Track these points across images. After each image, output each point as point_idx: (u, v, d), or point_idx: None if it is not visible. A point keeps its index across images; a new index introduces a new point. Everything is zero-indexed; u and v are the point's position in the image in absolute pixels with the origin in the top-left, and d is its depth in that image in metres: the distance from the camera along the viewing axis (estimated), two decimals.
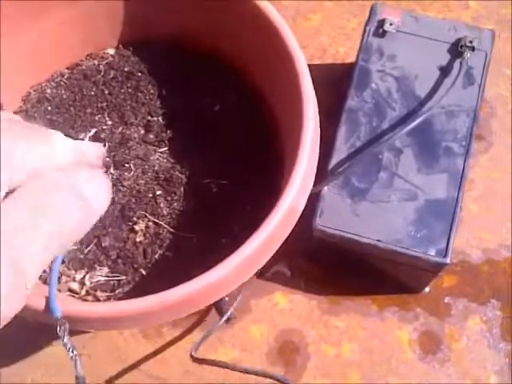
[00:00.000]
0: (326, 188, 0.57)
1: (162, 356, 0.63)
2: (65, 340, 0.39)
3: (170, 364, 0.62)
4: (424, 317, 0.64)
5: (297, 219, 0.46)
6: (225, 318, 0.62)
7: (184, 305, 0.42)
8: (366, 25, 0.63)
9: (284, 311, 0.64)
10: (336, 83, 0.68)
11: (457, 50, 0.61)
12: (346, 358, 0.62)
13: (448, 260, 0.54)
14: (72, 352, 0.38)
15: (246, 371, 0.53)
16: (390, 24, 0.61)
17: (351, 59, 0.73)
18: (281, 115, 0.53)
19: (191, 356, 0.60)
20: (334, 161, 0.57)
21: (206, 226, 0.53)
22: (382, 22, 0.62)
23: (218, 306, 0.64)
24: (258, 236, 0.42)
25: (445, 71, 0.60)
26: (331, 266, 0.64)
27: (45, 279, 0.50)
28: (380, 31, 0.62)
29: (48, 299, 0.40)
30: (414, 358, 0.62)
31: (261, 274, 0.65)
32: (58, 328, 0.39)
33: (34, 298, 0.41)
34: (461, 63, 0.60)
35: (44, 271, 0.49)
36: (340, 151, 0.58)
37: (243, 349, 0.63)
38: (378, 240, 0.55)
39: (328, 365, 0.62)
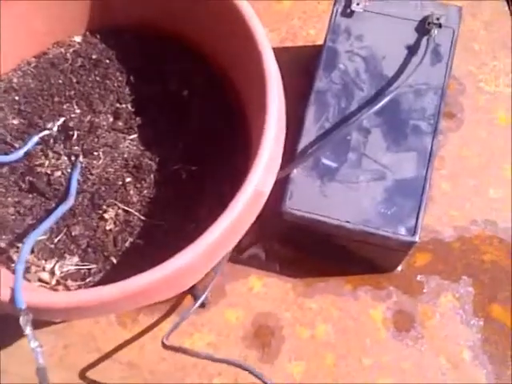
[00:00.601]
0: (295, 170, 0.57)
1: (137, 343, 0.63)
2: (27, 331, 0.39)
3: (145, 351, 0.62)
4: (397, 295, 0.64)
5: (263, 202, 0.46)
6: (198, 302, 0.62)
7: (147, 294, 0.43)
8: (334, 5, 0.62)
9: (259, 294, 0.65)
10: (306, 65, 0.68)
11: (424, 27, 0.61)
12: (320, 339, 0.63)
13: (417, 238, 0.55)
14: (34, 342, 0.38)
15: (218, 360, 0.53)
16: (357, 4, 0.61)
17: (322, 41, 0.73)
18: (247, 99, 0.53)
19: (163, 343, 0.60)
20: (303, 143, 0.58)
21: (176, 212, 0.53)
22: (349, 2, 0.62)
23: (193, 292, 0.64)
24: (222, 221, 0.43)
25: (412, 49, 0.60)
26: (304, 249, 0.65)
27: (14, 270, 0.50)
28: (348, 11, 0.62)
29: (13, 290, 0.40)
30: (387, 337, 0.63)
31: (235, 258, 0.65)
32: (21, 318, 0.39)
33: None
34: (428, 40, 0.60)
35: (12, 261, 0.50)
36: (309, 133, 0.58)
37: (219, 333, 0.63)
38: (346, 221, 0.55)
39: (303, 347, 0.62)
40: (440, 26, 0.60)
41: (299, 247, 0.65)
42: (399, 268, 0.65)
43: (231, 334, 0.63)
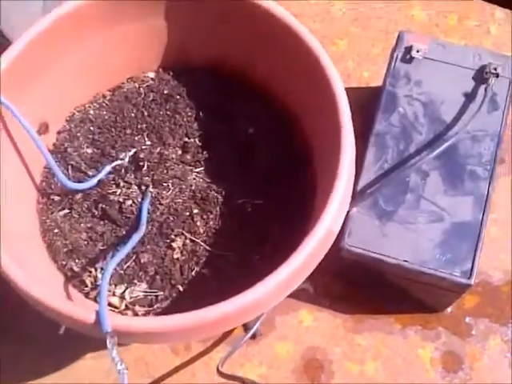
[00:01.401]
0: (354, 209, 0.58)
1: (189, 370, 0.65)
2: (113, 354, 0.41)
3: (197, 378, 0.64)
4: (446, 336, 0.65)
5: (332, 242, 0.48)
6: (250, 333, 0.64)
7: (223, 322, 0.44)
8: (394, 51, 0.65)
9: (309, 328, 0.66)
10: (361, 106, 0.70)
11: (481, 76, 0.63)
12: (369, 375, 0.64)
13: (472, 281, 0.56)
14: (120, 365, 0.40)
15: None
16: (417, 51, 0.64)
17: (375, 83, 0.76)
18: (315, 139, 0.55)
19: (218, 371, 0.61)
20: (362, 182, 0.59)
21: (240, 244, 0.55)
22: (409, 49, 0.64)
23: (244, 323, 0.66)
24: (296, 257, 0.44)
25: (470, 97, 0.62)
26: (356, 285, 0.66)
27: (87, 293, 0.53)
28: (407, 57, 0.64)
29: (98, 313, 0.42)
30: (436, 377, 0.63)
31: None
32: (108, 341, 0.41)
33: (83, 312, 0.43)
34: (485, 89, 0.62)
35: (85, 285, 0.52)
36: (368, 173, 0.60)
37: (269, 365, 0.64)
38: (404, 260, 0.57)
39: (352, 382, 0.63)
40: (497, 75, 0.62)
41: (351, 283, 0.66)
42: (448, 309, 0.66)
43: (281, 366, 0.64)
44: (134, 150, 0.58)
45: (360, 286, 0.66)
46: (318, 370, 0.64)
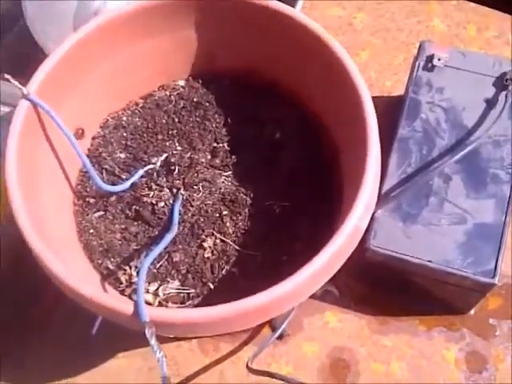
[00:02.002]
0: (379, 211, 0.60)
1: (217, 369, 0.66)
2: (152, 342, 0.42)
3: (226, 378, 0.65)
4: (470, 337, 0.66)
5: (359, 240, 0.50)
6: (278, 333, 0.65)
7: (260, 313, 0.46)
8: (416, 60, 0.67)
9: (335, 329, 0.67)
10: (383, 114, 0.71)
11: (502, 83, 0.65)
12: (394, 376, 0.65)
13: (496, 280, 0.57)
14: (159, 353, 0.42)
15: None
16: (439, 59, 0.66)
17: (397, 92, 0.78)
18: (341, 143, 0.57)
19: (247, 367, 0.63)
20: (386, 186, 0.61)
21: (269, 244, 0.57)
22: (430, 58, 0.66)
23: (272, 323, 0.67)
24: (326, 251, 0.46)
25: (490, 103, 0.64)
26: (379, 287, 0.67)
27: (122, 290, 0.55)
28: (429, 66, 0.66)
29: (136, 304, 0.44)
30: (460, 377, 0.64)
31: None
32: (147, 330, 0.43)
33: (123, 304, 0.45)
34: (506, 96, 0.63)
35: (120, 282, 0.54)
36: (392, 177, 0.61)
37: (296, 365, 0.66)
38: (428, 261, 0.58)
39: (378, 382, 0.64)
40: None
41: (375, 285, 0.67)
42: (472, 311, 0.67)
43: (308, 366, 0.66)
44: (165, 155, 0.61)
45: (383, 288, 0.67)
46: (344, 369, 0.65)
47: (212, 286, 0.55)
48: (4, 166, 0.49)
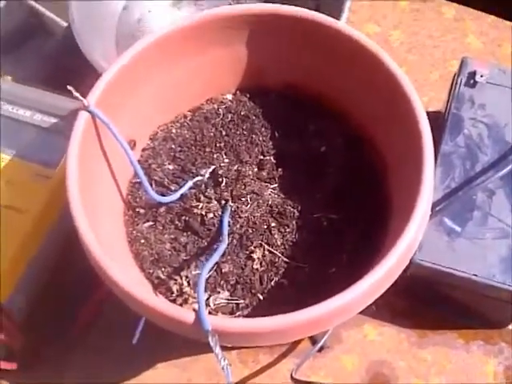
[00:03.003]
0: None
1: (257, 381, 0.67)
2: (216, 350, 0.43)
3: None
4: (508, 351, 0.67)
5: (410, 257, 0.51)
6: (319, 345, 0.66)
7: (315, 324, 0.47)
8: (457, 76, 0.68)
9: (374, 343, 0.68)
10: None
11: None
12: None
13: None
14: (224, 361, 0.43)
15: None
16: (481, 76, 0.67)
17: (434, 108, 0.79)
18: (391, 153, 0.58)
19: (292, 377, 0.64)
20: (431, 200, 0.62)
21: (317, 256, 0.57)
22: (472, 74, 0.67)
23: (312, 336, 0.68)
24: (383, 265, 0.47)
25: None
26: (418, 300, 0.68)
27: (173, 299, 0.55)
28: (471, 82, 0.67)
29: (197, 314, 0.45)
30: None
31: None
32: (210, 339, 0.44)
33: (185, 313, 0.46)
34: None
35: (171, 292, 0.55)
36: (437, 191, 0.62)
37: (335, 378, 0.67)
38: (474, 274, 0.59)
39: None
40: None
41: (413, 298, 0.68)
42: (510, 326, 0.67)
43: (348, 379, 0.66)
44: (213, 167, 0.62)
45: (422, 302, 0.68)
46: (383, 383, 0.66)
47: (261, 297, 0.56)
48: (66, 177, 0.50)
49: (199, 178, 0.61)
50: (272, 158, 0.63)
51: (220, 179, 0.61)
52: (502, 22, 0.85)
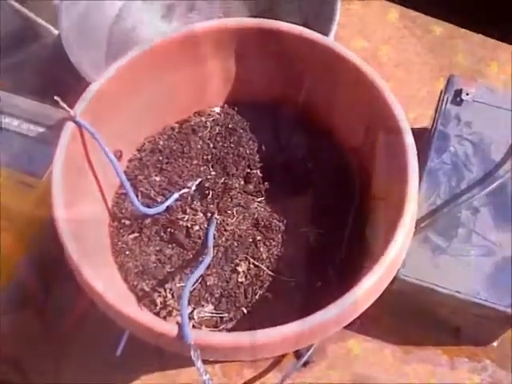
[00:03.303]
0: None
1: None
2: (198, 364, 0.43)
3: None
4: (492, 368, 0.67)
5: (398, 268, 0.51)
6: (303, 360, 0.66)
7: (299, 339, 0.46)
8: (444, 93, 0.68)
9: (358, 358, 0.68)
10: None
11: None
12: None
13: None
14: (205, 375, 0.43)
15: None
16: (467, 94, 0.67)
17: (419, 125, 0.79)
18: (375, 168, 0.58)
19: None
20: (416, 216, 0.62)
21: (302, 270, 0.58)
22: (459, 92, 0.68)
23: (297, 350, 0.68)
24: (367, 280, 0.47)
25: None
26: (403, 316, 0.68)
27: (157, 312, 0.55)
28: (457, 100, 0.68)
29: (180, 327, 0.45)
30: None
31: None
32: (192, 353, 0.43)
33: (167, 326, 0.45)
34: None
35: (155, 304, 0.55)
36: (421, 208, 0.62)
37: None
38: (457, 291, 0.59)
39: None
40: None
41: (398, 315, 0.68)
42: (495, 343, 0.67)
43: None
44: (199, 179, 0.62)
45: (407, 318, 0.68)
46: None
47: (245, 311, 0.56)
48: (51, 188, 0.50)
49: (186, 190, 0.61)
50: (259, 171, 0.63)
51: (206, 192, 0.61)
52: (490, 41, 0.85)
